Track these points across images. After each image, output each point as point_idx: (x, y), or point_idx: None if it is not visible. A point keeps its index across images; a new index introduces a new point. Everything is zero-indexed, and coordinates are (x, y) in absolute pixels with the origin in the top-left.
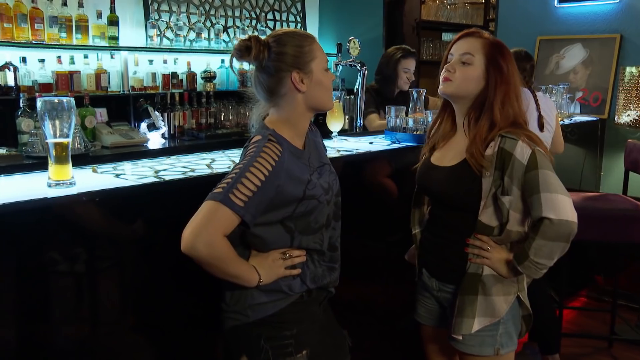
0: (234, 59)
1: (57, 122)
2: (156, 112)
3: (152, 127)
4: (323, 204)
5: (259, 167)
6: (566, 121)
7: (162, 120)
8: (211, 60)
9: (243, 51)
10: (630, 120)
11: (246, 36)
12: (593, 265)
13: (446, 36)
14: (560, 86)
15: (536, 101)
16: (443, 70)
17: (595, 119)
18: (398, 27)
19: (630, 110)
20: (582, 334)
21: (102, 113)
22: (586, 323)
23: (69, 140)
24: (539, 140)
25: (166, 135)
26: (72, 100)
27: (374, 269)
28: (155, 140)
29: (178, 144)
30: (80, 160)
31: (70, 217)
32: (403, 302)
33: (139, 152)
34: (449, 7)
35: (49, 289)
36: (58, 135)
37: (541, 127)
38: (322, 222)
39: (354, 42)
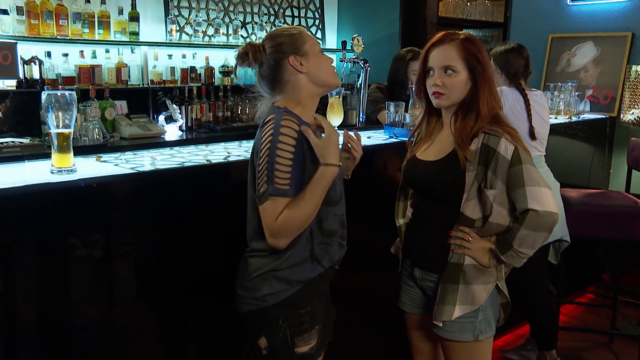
0: (238, 66)
1: (60, 114)
2: (174, 105)
3: (170, 119)
4: (338, 175)
5: (285, 142)
6: (574, 119)
7: (180, 113)
8: (229, 56)
9: (243, 57)
10: (635, 119)
11: (243, 45)
12: (601, 263)
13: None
14: (569, 84)
15: (528, 110)
16: (432, 86)
17: (604, 116)
18: (418, 24)
19: (635, 108)
20: (584, 328)
21: (122, 106)
22: (589, 318)
23: (70, 130)
24: (518, 136)
25: (183, 128)
26: (74, 94)
27: (365, 259)
28: (172, 132)
29: (195, 136)
30: (99, 150)
31: (70, 201)
32: (391, 292)
33: (156, 144)
34: (468, 3)
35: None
36: (61, 126)
37: (532, 136)
38: (338, 195)
39: (357, 39)
